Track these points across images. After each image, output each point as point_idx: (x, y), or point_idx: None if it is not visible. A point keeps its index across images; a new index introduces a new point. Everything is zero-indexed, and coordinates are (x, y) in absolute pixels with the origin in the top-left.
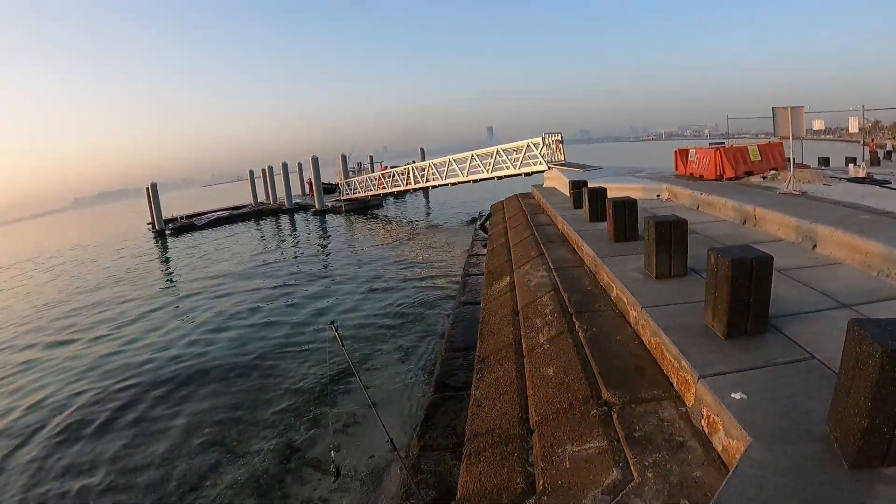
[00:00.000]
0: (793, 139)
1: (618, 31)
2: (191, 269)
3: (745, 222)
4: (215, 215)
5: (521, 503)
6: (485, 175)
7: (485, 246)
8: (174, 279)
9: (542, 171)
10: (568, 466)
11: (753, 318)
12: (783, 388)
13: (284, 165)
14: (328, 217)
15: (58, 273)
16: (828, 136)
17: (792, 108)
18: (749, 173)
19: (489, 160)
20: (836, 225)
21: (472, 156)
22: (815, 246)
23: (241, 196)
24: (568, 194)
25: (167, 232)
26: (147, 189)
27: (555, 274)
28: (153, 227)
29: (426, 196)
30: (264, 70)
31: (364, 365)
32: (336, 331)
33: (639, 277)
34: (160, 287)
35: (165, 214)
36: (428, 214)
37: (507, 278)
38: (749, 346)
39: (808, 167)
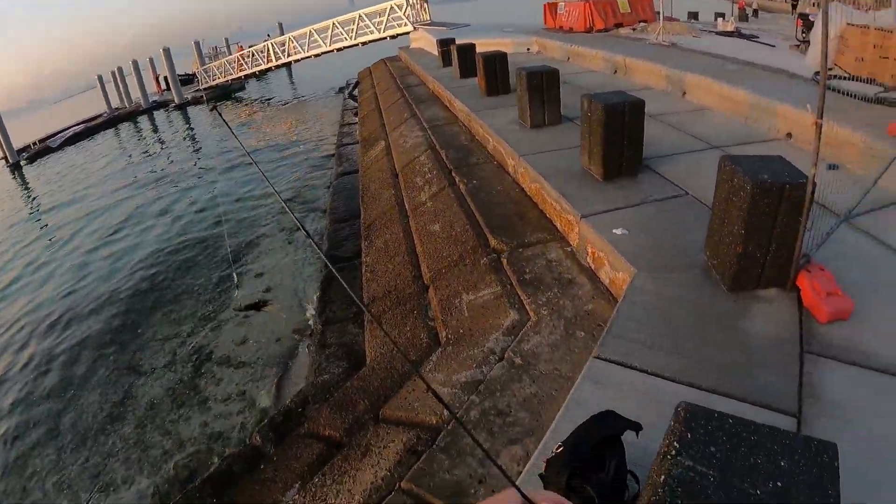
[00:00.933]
0: None
1: None
2: (55, 195)
3: (615, 72)
4: (70, 132)
5: (429, 356)
6: (349, 42)
7: (356, 114)
8: (40, 209)
9: (409, 33)
10: (467, 315)
11: (628, 159)
12: (661, 223)
13: (135, 63)
14: (189, 109)
15: None
16: None
17: None
18: (619, 25)
19: (352, 27)
20: (704, 73)
21: (334, 24)
22: (684, 93)
23: (97, 105)
24: (436, 53)
25: (22, 163)
26: None
27: (430, 132)
28: (6, 160)
29: (290, 72)
30: None
31: (251, 251)
32: (219, 114)
33: (514, 128)
34: (25, 221)
35: (18, 143)
36: (294, 90)
37: (383, 143)
38: (626, 186)
39: (677, 20)
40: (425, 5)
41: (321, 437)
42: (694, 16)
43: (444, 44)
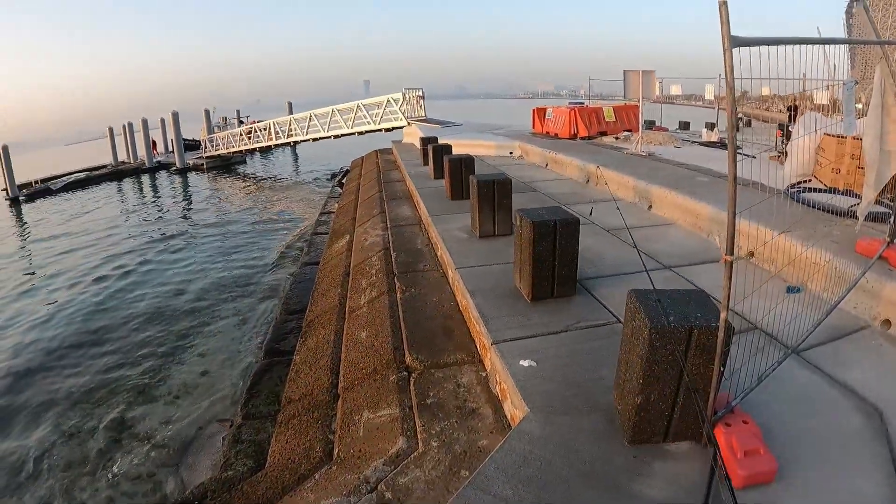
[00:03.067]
0: (643, 101)
1: None
2: (40, 242)
3: (588, 181)
4: (72, 178)
5: (317, 472)
6: (346, 130)
7: (338, 203)
8: (24, 253)
9: (403, 127)
10: (361, 434)
11: (560, 280)
12: (578, 354)
13: (144, 122)
14: (190, 175)
15: None
16: (699, 102)
17: (643, 71)
18: (603, 133)
19: (350, 115)
20: (671, 186)
21: (333, 110)
22: (650, 206)
23: (105, 155)
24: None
25: (21, 199)
26: None
27: (390, 232)
28: (7, 193)
29: (294, 151)
30: (132, 16)
31: (199, 331)
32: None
33: (462, 237)
34: (12, 262)
35: (23, 178)
36: (294, 170)
37: (348, 237)
38: (554, 310)
39: (665, 129)
40: (421, 101)
41: None
42: (685, 125)
43: (425, 142)
